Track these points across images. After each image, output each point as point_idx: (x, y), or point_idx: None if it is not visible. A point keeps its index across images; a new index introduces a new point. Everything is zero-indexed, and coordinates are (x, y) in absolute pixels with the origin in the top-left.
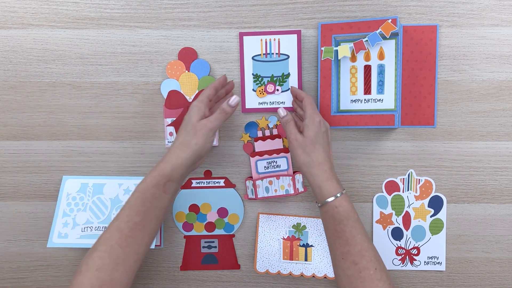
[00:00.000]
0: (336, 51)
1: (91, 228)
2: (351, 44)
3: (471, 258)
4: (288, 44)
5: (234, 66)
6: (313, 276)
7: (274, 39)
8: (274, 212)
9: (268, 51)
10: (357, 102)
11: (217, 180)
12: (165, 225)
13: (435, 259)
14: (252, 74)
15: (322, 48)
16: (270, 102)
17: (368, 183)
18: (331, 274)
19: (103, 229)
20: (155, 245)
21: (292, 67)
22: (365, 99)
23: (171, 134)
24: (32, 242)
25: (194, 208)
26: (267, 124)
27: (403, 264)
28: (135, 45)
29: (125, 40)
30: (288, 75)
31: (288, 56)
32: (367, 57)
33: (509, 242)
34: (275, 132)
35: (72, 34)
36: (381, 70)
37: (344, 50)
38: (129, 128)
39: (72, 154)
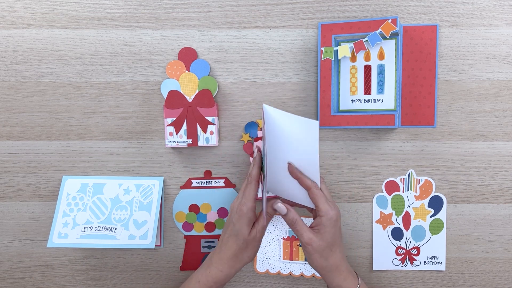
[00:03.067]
0: (336, 51)
1: (91, 228)
2: (351, 44)
3: (471, 258)
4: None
5: (234, 66)
6: (313, 276)
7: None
8: None
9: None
10: (357, 102)
11: (217, 180)
12: (165, 225)
13: (435, 259)
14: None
15: (322, 48)
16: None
17: (368, 183)
18: None
19: (103, 229)
20: (155, 245)
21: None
22: (365, 99)
23: (171, 134)
24: (32, 242)
25: (194, 208)
26: None
27: (403, 264)
28: (135, 45)
29: (125, 40)
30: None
31: None
32: (367, 57)
33: (509, 242)
34: None
35: (72, 34)
36: (381, 70)
37: (344, 50)
38: (129, 128)
39: (72, 154)
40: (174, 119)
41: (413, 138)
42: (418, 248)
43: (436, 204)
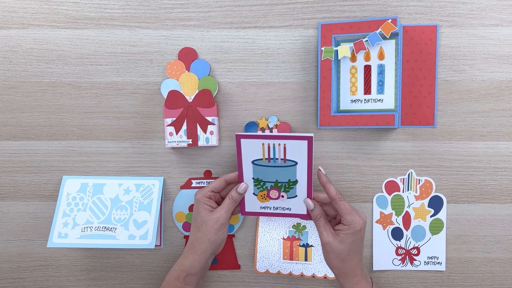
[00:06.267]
0: (336, 51)
1: (91, 228)
2: (351, 44)
3: (471, 258)
4: (296, 150)
5: (234, 66)
6: (313, 276)
7: (279, 144)
8: None
9: (272, 156)
10: (357, 102)
11: None
12: (165, 225)
13: (435, 259)
14: (253, 178)
15: (322, 48)
16: (274, 207)
17: (368, 183)
18: (331, 274)
19: (103, 229)
20: (155, 245)
21: (300, 174)
22: (365, 99)
23: (171, 134)
24: (32, 242)
25: None
26: (267, 124)
27: (403, 264)
28: (135, 45)
29: (125, 40)
30: (296, 182)
31: (296, 163)
32: (367, 57)
33: (509, 242)
34: (275, 132)
35: (72, 34)
36: (381, 70)
37: (344, 50)
38: (129, 128)
39: (72, 154)
40: (174, 119)
41: (413, 138)
42: (418, 248)
43: (436, 204)
